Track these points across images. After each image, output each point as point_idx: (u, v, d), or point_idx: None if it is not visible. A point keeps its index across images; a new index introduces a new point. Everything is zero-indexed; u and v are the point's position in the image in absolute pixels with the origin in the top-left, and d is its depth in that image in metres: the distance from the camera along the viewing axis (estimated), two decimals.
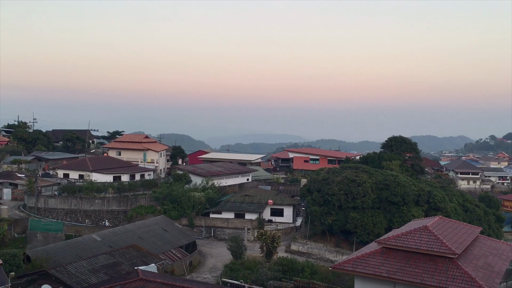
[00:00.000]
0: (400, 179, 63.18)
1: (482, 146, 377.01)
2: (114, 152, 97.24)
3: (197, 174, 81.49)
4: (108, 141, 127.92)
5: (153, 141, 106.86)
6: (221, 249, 59.56)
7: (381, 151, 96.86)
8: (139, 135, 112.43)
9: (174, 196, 70.14)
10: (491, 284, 26.66)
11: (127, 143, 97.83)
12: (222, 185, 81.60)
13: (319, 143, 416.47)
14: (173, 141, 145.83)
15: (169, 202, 70.29)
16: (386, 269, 28.47)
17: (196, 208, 69.78)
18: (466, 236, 32.51)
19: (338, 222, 60.81)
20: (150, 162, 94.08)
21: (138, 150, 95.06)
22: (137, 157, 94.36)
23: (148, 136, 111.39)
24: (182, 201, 69.15)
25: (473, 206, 70.81)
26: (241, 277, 42.85)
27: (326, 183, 62.85)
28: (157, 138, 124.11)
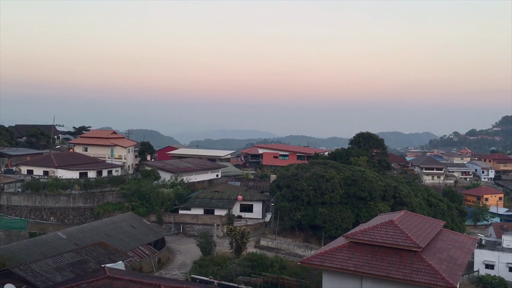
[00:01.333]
0: (368, 175, 64.30)
1: (446, 142, 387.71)
2: (80, 148, 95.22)
3: (166, 170, 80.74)
4: (74, 136, 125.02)
5: (121, 136, 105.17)
6: (190, 246, 59.28)
7: (349, 147, 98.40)
8: (106, 131, 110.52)
9: (143, 192, 69.31)
10: (453, 276, 27.46)
11: (93, 139, 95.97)
12: (191, 181, 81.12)
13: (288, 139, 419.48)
14: (141, 136, 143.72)
15: (138, 198, 69.42)
16: (353, 263, 28.94)
17: (165, 205, 69.17)
18: (430, 230, 33.37)
19: (307, 217, 61.43)
20: (117, 158, 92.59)
21: (105, 146, 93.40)
22: (104, 153, 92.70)
23: (115, 132, 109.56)
24: (151, 198, 68.42)
25: (437, 201, 72.79)
26: (210, 273, 42.77)
27: (295, 179, 63.36)
28: (125, 133, 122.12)
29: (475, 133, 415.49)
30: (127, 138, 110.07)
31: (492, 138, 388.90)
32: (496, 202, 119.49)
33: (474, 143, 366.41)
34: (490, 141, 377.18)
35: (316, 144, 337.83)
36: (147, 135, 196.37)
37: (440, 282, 26.33)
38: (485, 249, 65.69)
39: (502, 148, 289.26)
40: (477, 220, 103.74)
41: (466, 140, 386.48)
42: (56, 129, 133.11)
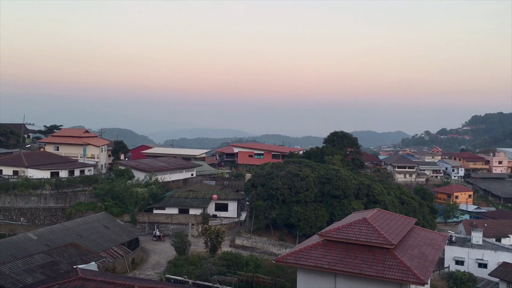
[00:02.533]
0: (342, 173, 65.01)
1: (417, 141, 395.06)
2: (51, 147, 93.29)
3: (140, 170, 79.88)
4: (45, 135, 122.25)
5: (94, 135, 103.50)
6: (164, 245, 58.84)
7: (324, 146, 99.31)
8: (78, 130, 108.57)
9: (116, 192, 68.40)
10: (425, 273, 28.04)
11: (65, 138, 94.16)
12: (166, 181, 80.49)
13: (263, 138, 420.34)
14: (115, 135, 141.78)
15: (111, 198, 68.48)
16: (327, 261, 29.23)
17: (139, 204, 68.44)
18: (402, 227, 33.98)
19: (282, 216, 61.72)
20: (90, 157, 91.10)
21: (77, 145, 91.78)
22: (77, 152, 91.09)
23: (88, 131, 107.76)
24: (124, 197, 67.59)
25: (409, 199, 74.11)
26: (185, 273, 42.60)
27: (270, 178, 63.56)
28: (98, 132, 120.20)
29: (446, 132, 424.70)
30: (100, 137, 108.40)
31: (462, 137, 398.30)
32: (466, 200, 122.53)
33: (445, 142, 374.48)
34: (460, 140, 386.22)
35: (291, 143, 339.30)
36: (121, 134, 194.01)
37: (412, 279, 26.85)
38: (455, 246, 67.33)
39: (471, 147, 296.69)
40: (447, 217, 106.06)
41: (437, 139, 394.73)
42: (26, 128, 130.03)
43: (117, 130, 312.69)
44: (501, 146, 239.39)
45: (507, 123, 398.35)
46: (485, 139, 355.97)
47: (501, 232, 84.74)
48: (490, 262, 64.15)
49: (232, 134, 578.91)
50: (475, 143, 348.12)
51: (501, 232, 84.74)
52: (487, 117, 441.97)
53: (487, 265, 64.29)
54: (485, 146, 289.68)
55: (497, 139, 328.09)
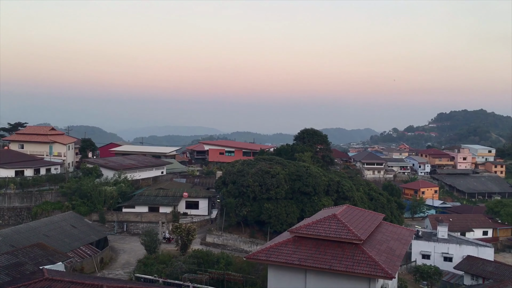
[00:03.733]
0: (312, 170, 65.61)
1: (386, 138, 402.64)
2: (16, 145, 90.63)
3: (108, 168, 78.59)
4: (9, 133, 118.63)
5: (60, 133, 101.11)
6: (134, 244, 58.13)
7: (294, 143, 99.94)
8: (44, 127, 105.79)
9: (84, 190, 67.12)
10: (392, 267, 28.59)
11: (31, 136, 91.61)
12: (135, 179, 79.49)
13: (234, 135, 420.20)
14: (82, 133, 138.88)
15: (78, 197, 67.16)
16: (298, 257, 29.45)
17: (108, 203, 67.36)
18: (371, 223, 34.54)
19: (253, 213, 61.87)
20: (57, 155, 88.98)
21: (43, 143, 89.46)
22: (43, 150, 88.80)
23: (54, 128, 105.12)
24: (93, 196, 66.39)
25: (377, 195, 75.45)
26: (155, 272, 42.22)
27: (241, 175, 63.58)
28: (65, 130, 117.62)
29: (413, 129, 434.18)
30: (67, 135, 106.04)
31: (428, 134, 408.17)
32: (432, 195, 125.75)
33: (412, 138, 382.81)
34: (426, 136, 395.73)
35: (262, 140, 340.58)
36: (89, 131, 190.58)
37: (380, 273, 27.34)
38: (422, 240, 69.03)
39: (437, 144, 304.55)
40: (414, 213, 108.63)
41: (404, 136, 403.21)
42: None
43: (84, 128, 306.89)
44: (466, 142, 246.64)
45: (471, 120, 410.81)
46: (450, 136, 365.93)
47: (466, 226, 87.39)
48: (455, 256, 66.05)
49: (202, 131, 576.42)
50: (441, 140, 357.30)
51: (466, 226, 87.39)
52: (452, 114, 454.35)
53: (452, 258, 66.18)
54: (450, 142, 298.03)
55: (461, 136, 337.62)
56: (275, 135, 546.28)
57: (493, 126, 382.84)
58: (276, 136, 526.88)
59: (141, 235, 53.77)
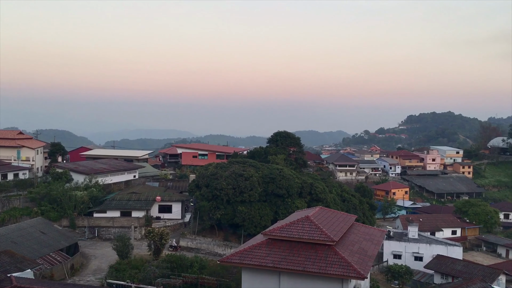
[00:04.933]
0: (285, 173, 65.94)
1: (357, 140, 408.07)
2: None
3: (79, 172, 77.12)
4: None
5: (29, 137, 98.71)
6: (106, 250, 57.17)
7: (268, 146, 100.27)
8: (11, 131, 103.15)
9: (53, 196, 65.63)
10: (364, 267, 29.00)
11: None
12: (107, 183, 78.22)
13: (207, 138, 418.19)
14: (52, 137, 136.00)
15: (48, 202, 65.63)
16: (272, 259, 29.54)
17: (78, 208, 66.05)
18: (343, 224, 34.96)
19: (227, 216, 61.73)
20: (25, 160, 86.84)
21: (10, 147, 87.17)
22: (10, 155, 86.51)
23: (22, 132, 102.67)
24: (63, 201, 64.97)
25: (349, 196, 76.42)
26: (128, 277, 41.64)
27: (214, 178, 63.39)
28: (33, 134, 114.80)
29: (383, 131, 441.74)
30: (36, 139, 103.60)
31: (398, 136, 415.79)
32: (403, 196, 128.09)
33: (383, 140, 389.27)
34: (396, 138, 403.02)
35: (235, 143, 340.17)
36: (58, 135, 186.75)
37: (352, 273, 27.70)
38: (393, 241, 70.25)
39: (407, 145, 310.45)
40: (386, 213, 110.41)
41: (375, 138, 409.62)
42: None
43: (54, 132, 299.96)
44: (434, 144, 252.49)
45: (440, 122, 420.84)
46: (420, 137, 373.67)
47: (435, 226, 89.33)
48: (425, 255, 67.46)
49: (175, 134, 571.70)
50: (411, 142, 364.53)
51: (435, 226, 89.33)
52: (421, 116, 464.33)
53: (422, 258, 67.57)
54: (419, 144, 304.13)
55: (430, 138, 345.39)
56: (249, 138, 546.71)
57: (461, 128, 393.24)
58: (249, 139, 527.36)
59: (113, 240, 52.91)
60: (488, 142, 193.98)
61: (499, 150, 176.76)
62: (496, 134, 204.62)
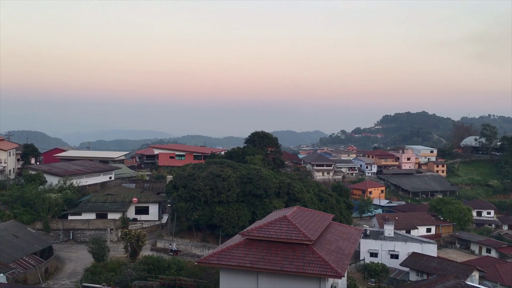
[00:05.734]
0: (263, 173, 66.03)
1: (334, 140, 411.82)
2: None
3: (53, 174, 75.67)
4: None
5: (0, 138, 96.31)
6: (81, 253, 56.22)
7: (245, 146, 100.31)
8: None
9: (26, 198, 64.23)
10: (341, 266, 29.25)
11: None
12: (82, 185, 77.00)
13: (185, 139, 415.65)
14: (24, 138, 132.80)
15: (21, 205, 64.20)
16: (250, 260, 29.52)
17: (53, 211, 64.77)
18: (321, 224, 35.19)
19: (204, 217, 61.46)
20: None
21: None
22: None
23: None
24: (36, 204, 63.62)
25: (327, 196, 76.93)
26: (104, 280, 41.06)
27: (192, 179, 63.03)
28: (5, 135, 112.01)
29: (360, 131, 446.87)
30: (8, 140, 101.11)
31: (374, 136, 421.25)
32: (379, 195, 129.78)
33: (359, 140, 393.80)
34: (373, 138, 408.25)
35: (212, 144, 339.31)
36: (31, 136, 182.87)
37: (330, 272, 27.90)
38: (370, 239, 71.07)
39: (383, 145, 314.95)
40: (362, 212, 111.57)
41: (352, 137, 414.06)
42: None
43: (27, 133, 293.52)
44: (409, 143, 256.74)
45: (414, 122, 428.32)
46: (395, 137, 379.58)
47: (410, 224, 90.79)
48: (401, 253, 68.47)
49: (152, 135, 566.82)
50: (386, 141, 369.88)
51: (410, 224, 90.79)
52: (397, 116, 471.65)
53: (398, 255, 68.56)
54: (395, 143, 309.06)
55: (405, 137, 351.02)
56: (226, 138, 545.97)
57: (435, 128, 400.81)
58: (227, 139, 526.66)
59: (89, 243, 52.06)
60: (461, 141, 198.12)
61: (472, 149, 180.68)
62: (468, 133, 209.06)
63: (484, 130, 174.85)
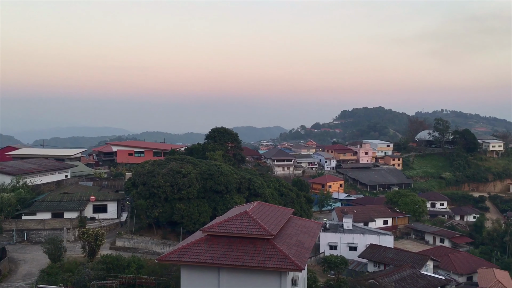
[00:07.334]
0: (223, 169, 65.97)
1: (294, 135, 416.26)
2: None
3: (5, 173, 72.82)
4: None
5: None
6: (36, 253, 54.46)
7: (205, 142, 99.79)
8: None
9: None
10: (302, 259, 29.64)
11: None
12: (36, 184, 74.53)
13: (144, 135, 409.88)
14: None
15: None
16: (211, 256, 29.45)
17: (5, 211, 62.36)
18: (281, 218, 35.50)
19: (165, 214, 60.86)
20: None
21: None
22: None
23: None
24: None
25: (287, 190, 77.74)
26: (60, 281, 40.01)
27: (151, 176, 62.23)
28: None
29: (319, 126, 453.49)
30: None
31: (333, 131, 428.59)
32: (338, 189, 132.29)
33: (318, 135, 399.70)
34: (331, 133, 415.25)
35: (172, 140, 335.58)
36: None
37: (290, 266, 28.23)
38: (329, 232, 72.45)
39: (341, 139, 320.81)
40: (322, 206, 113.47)
41: (311, 133, 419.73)
42: None
43: None
44: (367, 138, 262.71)
45: (371, 117, 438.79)
46: (353, 132, 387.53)
47: (368, 216, 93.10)
48: (359, 245, 70.16)
49: (110, 132, 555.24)
50: (345, 136, 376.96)
51: (368, 216, 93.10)
52: (354, 111, 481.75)
53: (357, 247, 70.22)
54: (353, 138, 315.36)
55: (363, 132, 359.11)
56: (186, 134, 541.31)
57: (391, 122, 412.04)
58: (187, 135, 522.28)
59: (44, 243, 50.53)
60: (415, 135, 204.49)
61: (426, 143, 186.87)
62: (422, 127, 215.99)
63: (437, 125, 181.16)
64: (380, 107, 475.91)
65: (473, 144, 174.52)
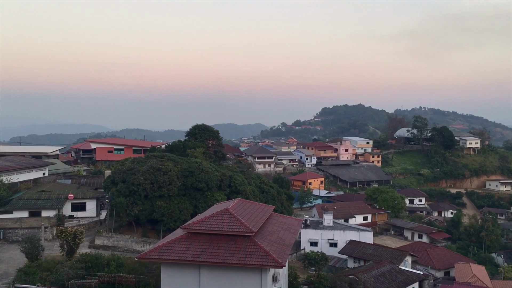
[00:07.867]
0: (204, 166, 65.73)
1: (275, 133, 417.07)
2: None
3: None
4: None
5: None
6: (13, 253, 53.47)
7: (186, 139, 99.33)
8: None
9: None
10: (282, 256, 29.79)
11: None
12: (13, 182, 73.09)
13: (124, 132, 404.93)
14: None
15: None
16: (191, 253, 29.36)
17: None
18: (262, 215, 35.58)
19: (145, 211, 60.38)
20: None
21: None
22: None
23: None
24: None
25: (268, 187, 77.93)
26: (38, 280, 39.35)
27: (131, 173, 61.67)
28: None
29: (300, 123, 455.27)
30: None
31: (314, 128, 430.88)
32: (318, 186, 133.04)
33: (299, 132, 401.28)
34: (312, 130, 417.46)
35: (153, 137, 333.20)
36: None
37: (271, 263, 28.33)
38: (310, 229, 72.79)
39: (322, 137, 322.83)
40: (303, 203, 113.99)
41: (292, 130, 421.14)
42: None
43: None
44: (347, 135, 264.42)
45: (352, 114, 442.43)
46: (334, 129, 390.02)
47: (348, 213, 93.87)
48: (339, 241, 70.69)
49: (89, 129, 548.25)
50: (325, 133, 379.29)
51: (348, 213, 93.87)
52: (335, 109, 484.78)
53: (337, 244, 70.74)
54: (333, 135, 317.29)
55: (343, 129, 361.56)
56: (167, 131, 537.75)
57: (370, 120, 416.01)
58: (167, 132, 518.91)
59: (21, 242, 49.62)
60: (394, 132, 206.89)
61: (405, 140, 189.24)
62: (401, 125, 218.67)
63: (416, 122, 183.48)
64: (360, 105, 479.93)
65: (451, 141, 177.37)
